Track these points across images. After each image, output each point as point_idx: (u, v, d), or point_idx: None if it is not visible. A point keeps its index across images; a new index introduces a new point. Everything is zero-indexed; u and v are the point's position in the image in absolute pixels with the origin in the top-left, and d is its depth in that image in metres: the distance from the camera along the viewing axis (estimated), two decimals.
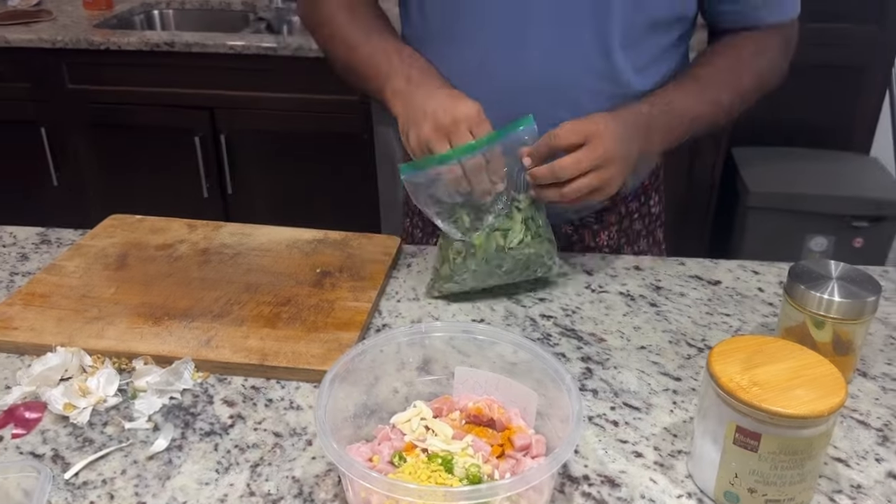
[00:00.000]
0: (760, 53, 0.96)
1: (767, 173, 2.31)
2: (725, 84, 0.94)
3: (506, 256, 0.85)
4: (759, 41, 0.96)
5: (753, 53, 0.96)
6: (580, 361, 0.79)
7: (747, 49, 0.96)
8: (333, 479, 0.63)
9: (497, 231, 0.85)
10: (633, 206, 1.08)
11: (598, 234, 1.06)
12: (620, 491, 0.62)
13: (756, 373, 0.58)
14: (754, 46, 0.96)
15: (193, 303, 0.83)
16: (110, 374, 0.73)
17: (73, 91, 2.22)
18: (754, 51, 0.96)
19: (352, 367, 0.65)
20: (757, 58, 0.96)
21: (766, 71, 0.97)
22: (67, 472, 0.63)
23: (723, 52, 0.96)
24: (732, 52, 0.96)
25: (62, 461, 0.65)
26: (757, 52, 0.96)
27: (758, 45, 0.96)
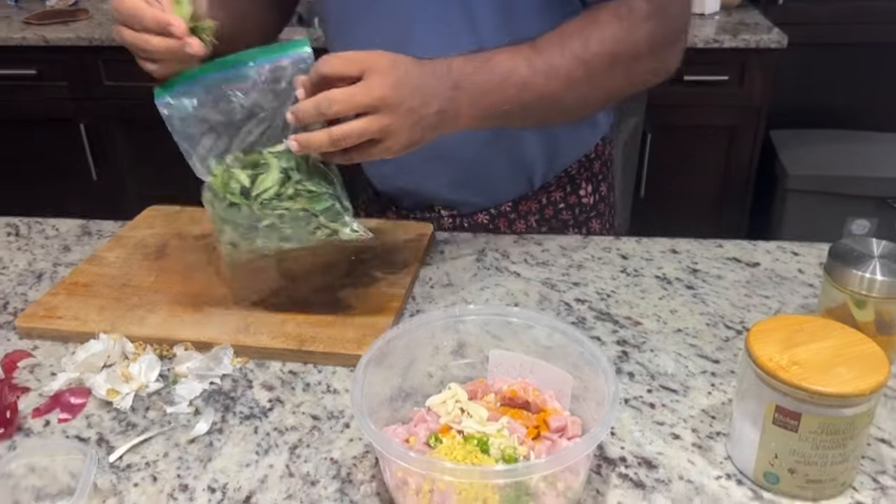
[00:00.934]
0: (622, 18, 0.79)
1: (806, 156, 2.27)
2: (565, 49, 0.78)
3: (259, 206, 0.73)
4: (622, 5, 0.80)
5: (613, 16, 0.79)
6: (616, 345, 0.78)
7: (605, 12, 0.79)
8: (371, 460, 0.64)
9: (243, 171, 0.74)
10: (557, 195, 1.04)
11: (515, 223, 1.04)
12: (658, 472, 0.62)
13: (796, 352, 0.57)
14: (615, 10, 0.79)
15: (231, 291, 0.85)
16: (152, 360, 0.74)
17: (110, 87, 2.26)
18: (614, 13, 0.79)
19: (387, 350, 0.66)
20: (614, 22, 0.79)
21: (621, 41, 0.79)
22: (112, 454, 0.65)
23: (576, 17, 0.81)
24: (586, 16, 0.80)
25: (106, 444, 0.66)
26: (617, 15, 0.79)
27: (619, 9, 0.79)
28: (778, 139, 2.37)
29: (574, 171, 1.04)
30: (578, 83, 0.79)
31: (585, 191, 1.06)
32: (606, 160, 1.09)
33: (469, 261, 0.95)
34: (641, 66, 0.82)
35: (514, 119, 0.81)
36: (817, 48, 2.38)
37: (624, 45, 0.79)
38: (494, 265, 0.94)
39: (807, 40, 2.22)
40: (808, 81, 2.46)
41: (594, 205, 1.08)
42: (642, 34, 0.80)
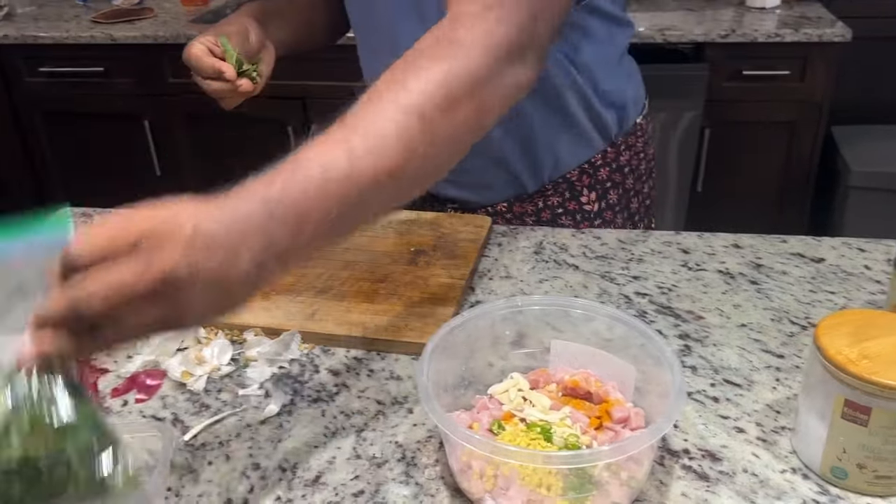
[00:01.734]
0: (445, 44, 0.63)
1: (869, 152, 2.21)
2: (385, 107, 0.62)
3: None
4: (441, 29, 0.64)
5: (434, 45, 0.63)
6: (677, 339, 0.78)
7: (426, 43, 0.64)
8: (434, 445, 0.65)
9: None
10: (554, 200, 1.03)
11: (511, 223, 1.04)
12: (722, 465, 0.62)
13: (866, 346, 0.57)
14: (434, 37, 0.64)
15: (297, 279, 0.87)
16: (223, 344, 0.77)
17: (174, 85, 2.32)
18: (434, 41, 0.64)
19: (449, 339, 0.67)
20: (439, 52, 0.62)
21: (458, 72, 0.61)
22: (186, 434, 0.68)
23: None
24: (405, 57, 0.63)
25: (181, 424, 0.69)
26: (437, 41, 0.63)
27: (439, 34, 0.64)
28: (840, 135, 2.31)
29: (574, 178, 1.02)
30: (416, 142, 0.59)
31: (588, 198, 1.04)
32: (621, 167, 1.05)
33: (527, 253, 0.95)
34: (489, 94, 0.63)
35: (356, 221, 0.60)
36: (882, 42, 2.32)
37: (455, 76, 0.61)
38: (553, 258, 0.94)
39: (871, 34, 2.16)
40: (872, 76, 2.39)
41: (599, 212, 1.05)
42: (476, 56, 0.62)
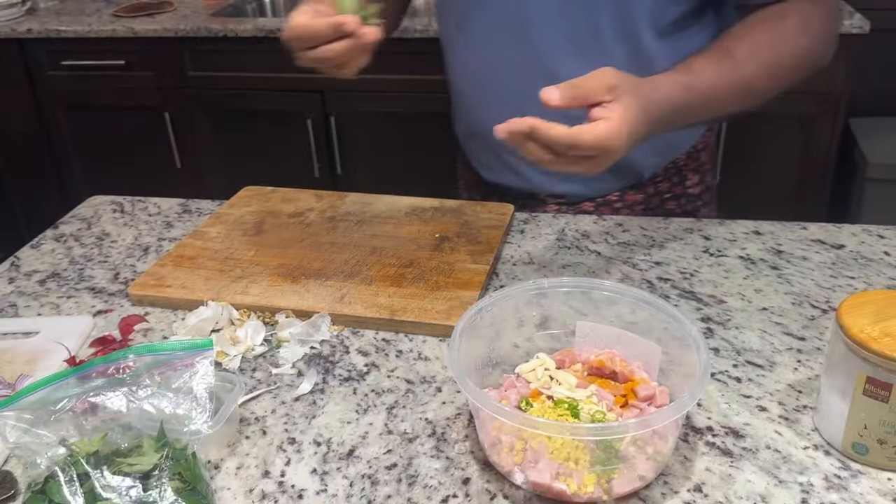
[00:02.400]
0: (805, 31, 0.85)
1: (887, 144, 2.20)
2: (762, 65, 0.83)
3: None
4: (804, 14, 0.85)
5: (797, 29, 0.84)
6: (700, 322, 0.79)
7: (790, 23, 0.84)
8: (463, 421, 0.67)
9: None
10: (664, 186, 1.06)
11: (620, 212, 1.06)
12: (745, 441, 0.63)
13: (888, 324, 0.58)
14: (798, 21, 0.84)
15: (325, 264, 0.89)
16: (257, 325, 0.79)
17: (194, 78, 2.35)
18: (798, 26, 0.84)
19: (475, 321, 0.69)
20: (800, 35, 0.84)
21: (809, 51, 0.86)
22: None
23: (762, 26, 0.85)
24: (773, 27, 0.84)
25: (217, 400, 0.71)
26: (801, 28, 0.84)
27: (802, 19, 0.84)
28: (857, 127, 2.31)
29: (682, 163, 1.06)
30: (766, 95, 0.85)
31: (692, 181, 1.08)
32: (712, 149, 1.10)
33: (550, 240, 0.97)
34: (811, 71, 0.87)
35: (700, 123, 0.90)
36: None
37: (809, 58, 0.86)
38: (575, 244, 0.96)
39: (889, 26, 2.16)
40: (890, 68, 2.38)
41: (699, 195, 1.09)
42: (820, 45, 0.87)
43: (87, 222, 1.08)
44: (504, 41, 0.96)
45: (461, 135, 1.16)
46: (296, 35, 0.78)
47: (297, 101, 2.29)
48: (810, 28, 0.85)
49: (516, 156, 0.96)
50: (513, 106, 0.95)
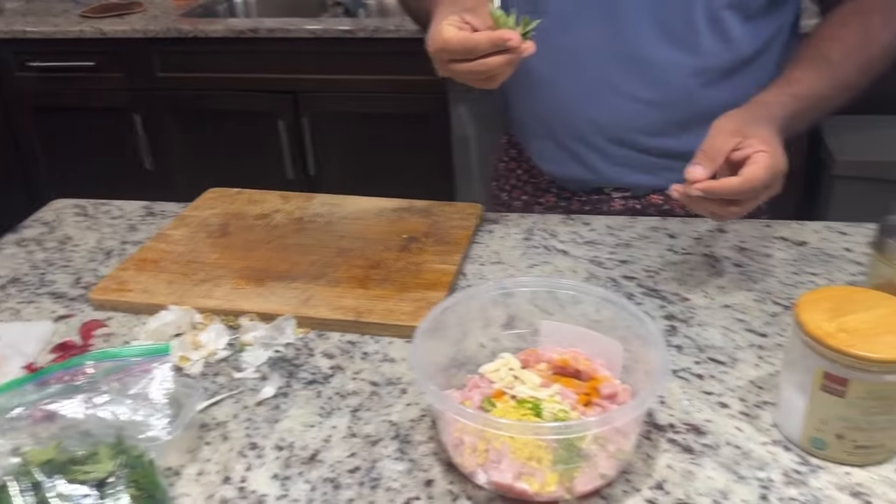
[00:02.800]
0: (887, 25, 0.90)
1: (853, 142, 2.23)
2: (856, 65, 0.89)
3: None
4: (886, 10, 0.91)
5: (882, 24, 0.90)
6: (664, 319, 0.80)
7: (876, 20, 0.90)
8: (427, 423, 0.67)
9: None
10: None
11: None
12: (706, 438, 0.64)
13: (844, 320, 0.59)
14: (882, 18, 0.90)
15: (291, 266, 0.89)
16: (220, 329, 0.78)
17: (164, 79, 2.33)
18: (883, 21, 0.90)
19: (440, 321, 0.68)
20: (885, 29, 0.90)
21: (893, 45, 0.91)
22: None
23: (850, 25, 0.91)
24: (861, 25, 0.90)
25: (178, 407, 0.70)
26: (885, 21, 0.90)
27: (885, 15, 0.90)
28: (824, 125, 2.33)
29: None
30: (860, 88, 0.92)
31: None
32: None
33: (517, 240, 0.97)
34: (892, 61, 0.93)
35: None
36: None
37: (893, 50, 0.91)
38: (542, 244, 0.96)
39: None
40: None
41: None
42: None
43: (49, 226, 1.06)
44: (589, 24, 0.95)
45: (519, 125, 1.13)
46: (451, 48, 0.76)
47: (269, 102, 2.27)
48: (892, 22, 0.91)
49: (586, 146, 0.98)
50: (593, 92, 0.96)
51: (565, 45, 0.97)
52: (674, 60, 0.94)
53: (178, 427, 0.62)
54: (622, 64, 0.94)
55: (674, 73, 0.95)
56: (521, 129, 1.13)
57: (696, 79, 0.94)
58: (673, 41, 0.93)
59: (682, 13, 0.92)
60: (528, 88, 1.06)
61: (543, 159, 1.11)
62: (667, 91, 0.95)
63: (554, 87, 1.02)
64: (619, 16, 0.94)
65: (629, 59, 0.94)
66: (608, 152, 1.02)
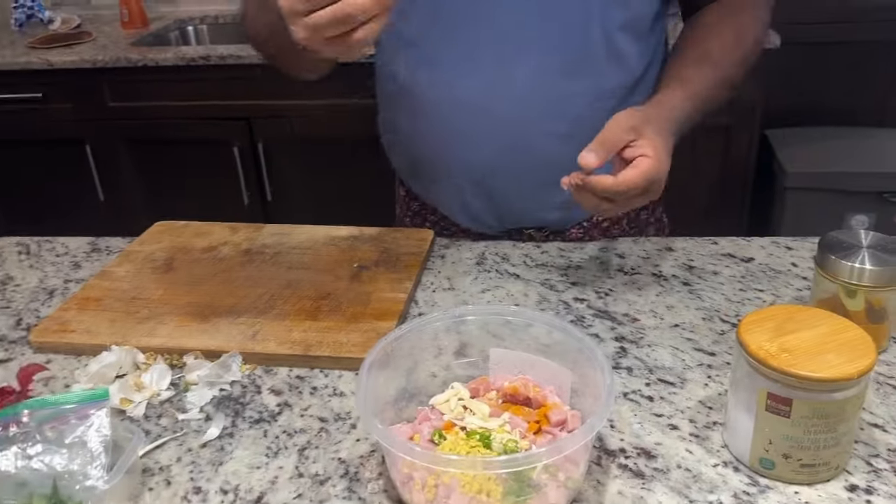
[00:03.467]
0: (756, 20, 0.96)
1: (803, 153, 2.29)
2: (735, 61, 0.93)
3: None
4: (753, 6, 0.96)
5: (751, 20, 0.96)
6: (614, 341, 0.80)
7: (745, 17, 0.95)
8: (377, 458, 0.66)
9: None
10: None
11: (609, 230, 1.07)
12: (656, 462, 0.64)
13: (786, 340, 0.59)
14: (750, 13, 0.96)
15: (238, 300, 0.87)
16: (162, 369, 0.76)
17: (115, 108, 2.29)
18: (751, 18, 0.96)
19: (390, 353, 0.68)
20: (754, 25, 0.96)
21: (762, 36, 0.97)
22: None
23: (725, 22, 0.95)
24: (734, 22, 0.95)
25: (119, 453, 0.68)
26: (753, 17, 0.96)
27: (753, 9, 0.96)
28: (774, 138, 2.38)
29: None
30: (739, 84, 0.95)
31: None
32: None
33: (469, 265, 0.97)
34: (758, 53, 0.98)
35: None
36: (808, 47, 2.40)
37: (761, 43, 0.97)
38: (495, 268, 0.96)
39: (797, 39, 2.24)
40: (801, 80, 2.48)
41: (658, 201, 1.13)
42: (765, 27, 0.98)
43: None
44: (487, 71, 0.93)
45: (417, 175, 1.10)
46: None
47: (224, 129, 2.25)
48: (760, 17, 0.97)
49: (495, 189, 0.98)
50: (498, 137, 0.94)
51: (462, 97, 0.95)
52: (576, 90, 0.93)
53: (118, 474, 0.59)
54: (526, 103, 0.94)
55: (578, 102, 0.94)
56: (419, 178, 1.10)
57: (599, 104, 0.93)
58: (573, 72, 0.92)
59: (579, 42, 0.92)
60: (429, 136, 1.01)
61: (458, 213, 1.08)
62: (574, 121, 0.93)
63: (456, 135, 0.98)
64: (517, 58, 0.92)
65: (532, 96, 0.93)
66: (523, 193, 1.01)
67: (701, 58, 0.92)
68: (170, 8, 2.73)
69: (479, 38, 0.92)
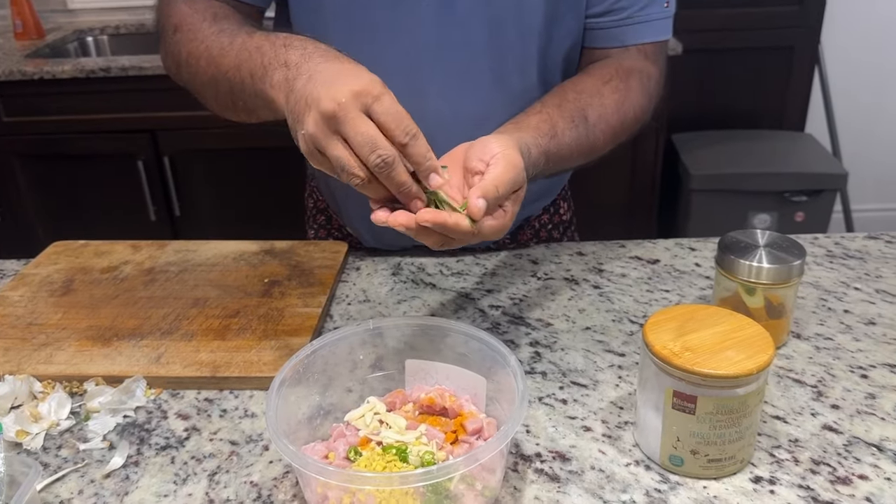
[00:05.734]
0: (644, 92, 0.90)
1: (707, 156, 2.38)
2: (608, 129, 0.85)
3: None
4: (644, 77, 0.90)
5: (639, 92, 0.89)
6: (528, 346, 0.81)
7: (633, 85, 0.89)
8: (291, 480, 0.64)
9: None
10: (545, 218, 1.10)
11: (520, 235, 1.08)
12: (571, 464, 0.64)
13: (688, 339, 0.61)
14: (639, 83, 0.89)
15: (141, 322, 0.83)
16: (61, 398, 0.72)
17: (9, 124, 2.17)
18: (639, 89, 0.89)
19: (303, 369, 0.66)
20: (641, 97, 0.89)
21: (645, 110, 0.91)
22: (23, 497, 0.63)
23: (611, 85, 0.87)
24: (621, 84, 0.88)
25: (18, 486, 0.64)
26: (642, 90, 0.89)
27: (643, 81, 0.90)
28: (679, 142, 2.47)
29: (557, 195, 1.10)
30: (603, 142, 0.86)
31: (563, 208, 1.13)
32: (565, 182, 1.14)
33: (385, 276, 0.96)
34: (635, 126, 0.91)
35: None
36: (708, 53, 2.51)
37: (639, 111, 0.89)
38: (411, 279, 0.95)
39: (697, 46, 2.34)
40: (704, 85, 2.58)
41: (570, 219, 1.14)
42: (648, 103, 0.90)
43: None
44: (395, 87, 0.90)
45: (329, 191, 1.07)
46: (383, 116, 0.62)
47: (127, 143, 2.17)
48: (648, 89, 0.90)
49: None
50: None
51: None
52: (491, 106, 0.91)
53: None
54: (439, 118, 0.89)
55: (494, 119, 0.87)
56: (333, 195, 1.07)
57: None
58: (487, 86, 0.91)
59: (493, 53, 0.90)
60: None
61: (361, 231, 1.06)
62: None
63: None
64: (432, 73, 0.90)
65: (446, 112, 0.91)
66: None
67: (578, 117, 0.82)
68: (68, 19, 2.61)
69: (395, 51, 0.89)
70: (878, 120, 2.83)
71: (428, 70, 0.90)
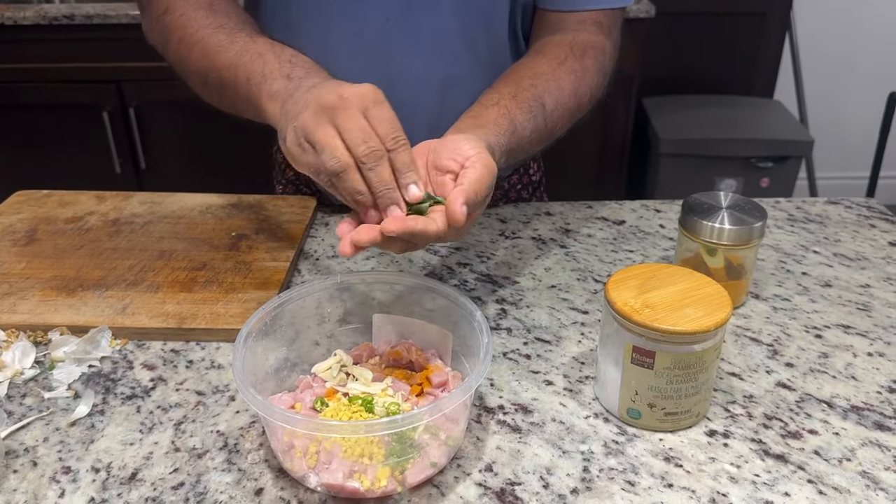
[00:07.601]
0: (599, 69, 0.89)
1: (676, 121, 2.40)
2: (565, 114, 0.84)
3: None
4: (599, 52, 0.89)
5: (593, 66, 0.88)
6: (495, 303, 0.82)
7: (588, 64, 0.88)
8: (258, 429, 0.65)
9: None
10: (514, 178, 1.11)
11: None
12: (533, 416, 0.66)
13: (649, 296, 0.62)
14: (594, 61, 0.88)
15: (106, 273, 0.83)
16: (26, 346, 0.72)
17: None
18: (594, 67, 0.88)
19: (270, 321, 0.67)
20: (597, 74, 0.89)
21: (600, 87, 0.90)
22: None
23: (567, 66, 0.86)
24: (576, 65, 0.86)
25: None
26: (597, 67, 0.89)
27: (597, 58, 0.89)
28: (650, 106, 2.49)
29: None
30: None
31: (533, 169, 1.13)
32: None
33: None
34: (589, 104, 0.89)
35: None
36: (681, 17, 2.51)
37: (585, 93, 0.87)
38: None
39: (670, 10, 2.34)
40: (674, 49, 2.58)
41: (540, 180, 1.15)
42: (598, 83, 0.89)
43: None
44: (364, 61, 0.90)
45: None
46: (379, 120, 0.63)
47: (91, 93, 2.12)
48: (604, 66, 0.89)
49: None
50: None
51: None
52: (457, 78, 0.93)
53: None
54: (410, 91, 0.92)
55: (460, 91, 0.92)
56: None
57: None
58: (456, 60, 0.92)
59: (485, 36, 0.91)
60: None
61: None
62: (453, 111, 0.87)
63: None
64: (402, 45, 0.90)
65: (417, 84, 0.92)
66: None
67: (536, 106, 0.80)
68: None
69: (365, 9, 0.89)
70: (846, 89, 2.87)
71: (396, 29, 0.89)
